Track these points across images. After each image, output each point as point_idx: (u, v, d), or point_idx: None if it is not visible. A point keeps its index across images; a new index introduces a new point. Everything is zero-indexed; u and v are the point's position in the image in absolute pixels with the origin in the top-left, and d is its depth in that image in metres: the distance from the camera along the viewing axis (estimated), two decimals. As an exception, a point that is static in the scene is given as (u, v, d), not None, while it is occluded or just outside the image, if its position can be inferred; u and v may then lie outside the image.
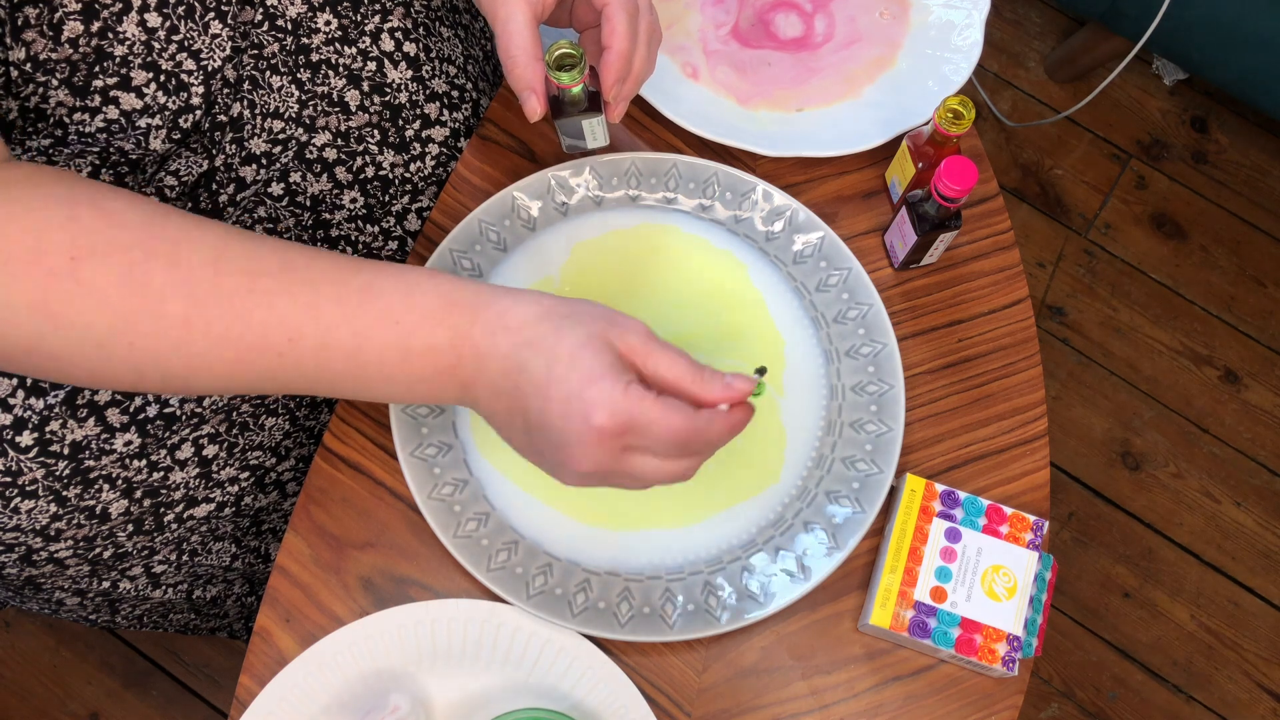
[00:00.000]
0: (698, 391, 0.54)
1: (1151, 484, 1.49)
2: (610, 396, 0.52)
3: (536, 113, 0.66)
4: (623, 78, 0.66)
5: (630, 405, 0.52)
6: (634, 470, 0.55)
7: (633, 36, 0.66)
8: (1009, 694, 0.69)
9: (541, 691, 0.66)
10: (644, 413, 0.52)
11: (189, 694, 1.31)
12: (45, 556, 0.71)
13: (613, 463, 0.54)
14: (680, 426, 0.53)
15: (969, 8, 0.83)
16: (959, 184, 0.68)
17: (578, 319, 0.54)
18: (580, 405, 0.52)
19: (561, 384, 0.52)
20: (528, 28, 0.64)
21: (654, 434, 0.53)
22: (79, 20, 0.58)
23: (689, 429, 0.53)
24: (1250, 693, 1.41)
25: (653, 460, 0.55)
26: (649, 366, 0.55)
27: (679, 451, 0.54)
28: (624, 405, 0.52)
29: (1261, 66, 1.40)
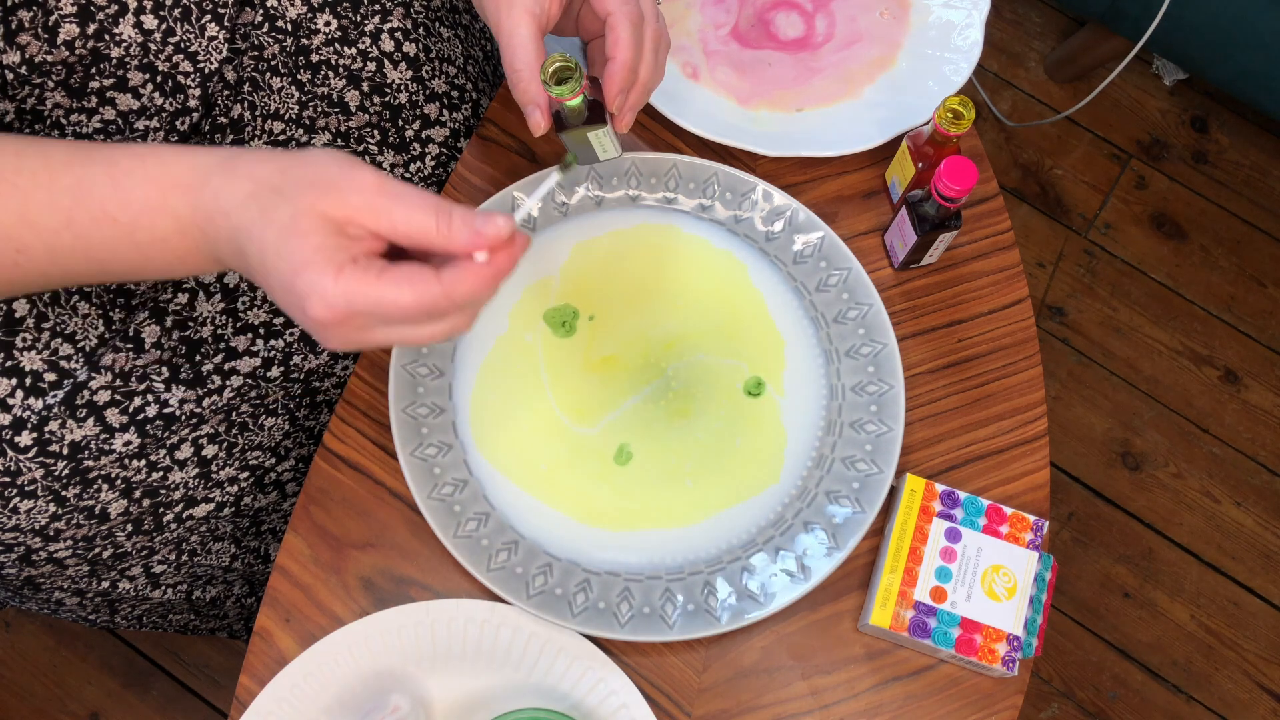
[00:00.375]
0: (445, 245, 0.49)
1: (1151, 484, 1.49)
2: (319, 287, 0.47)
3: (541, 127, 0.65)
4: (626, 88, 0.65)
5: (344, 292, 0.48)
6: (390, 341, 0.51)
7: (636, 46, 0.64)
8: (1009, 694, 0.68)
9: (541, 691, 0.66)
10: (363, 295, 0.48)
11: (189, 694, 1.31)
12: (44, 556, 0.71)
13: (361, 340, 0.50)
14: (410, 303, 0.48)
15: (969, 8, 0.83)
16: (959, 184, 0.68)
17: (286, 194, 0.49)
18: (295, 298, 0.48)
19: (275, 274, 0.49)
20: (532, 41, 0.63)
21: (384, 314, 0.49)
22: (74, 23, 0.58)
23: (422, 303, 0.49)
24: (1250, 693, 1.41)
25: (404, 330, 0.51)
26: (383, 226, 0.49)
27: (427, 319, 0.50)
28: (336, 293, 0.47)
29: (1261, 66, 1.40)
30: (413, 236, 0.49)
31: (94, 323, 0.66)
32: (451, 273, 0.49)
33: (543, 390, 0.72)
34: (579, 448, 0.71)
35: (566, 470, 0.70)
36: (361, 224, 0.49)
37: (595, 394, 0.72)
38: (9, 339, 0.63)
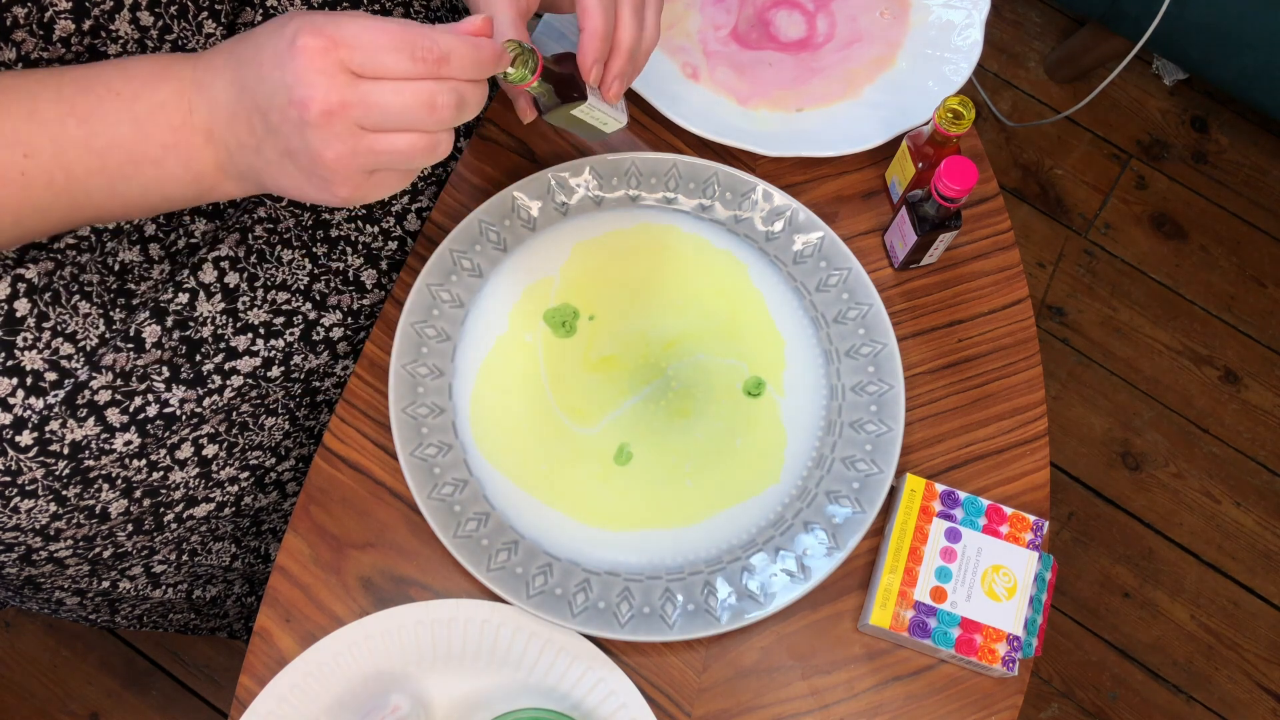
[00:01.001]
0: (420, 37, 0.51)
1: (1151, 484, 1.49)
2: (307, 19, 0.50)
3: (527, 115, 0.65)
4: (601, 58, 0.62)
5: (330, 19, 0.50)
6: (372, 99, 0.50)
7: (605, 13, 0.62)
8: (1009, 694, 0.68)
9: (541, 691, 0.66)
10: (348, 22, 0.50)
11: (189, 694, 1.31)
12: (45, 556, 0.71)
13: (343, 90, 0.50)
14: (394, 29, 0.50)
15: (969, 8, 0.83)
16: (959, 184, 0.68)
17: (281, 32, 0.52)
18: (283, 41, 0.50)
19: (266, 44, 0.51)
20: (512, 27, 0.61)
21: (366, 40, 0.50)
22: (70, 19, 0.58)
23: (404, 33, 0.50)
24: (1250, 693, 1.41)
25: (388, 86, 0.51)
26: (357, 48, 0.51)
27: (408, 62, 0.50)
28: (323, 20, 0.50)
29: (1261, 66, 1.40)
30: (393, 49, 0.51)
31: (95, 322, 0.66)
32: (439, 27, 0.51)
33: (543, 390, 0.72)
34: (579, 448, 0.71)
35: (566, 470, 0.70)
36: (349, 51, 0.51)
37: (595, 394, 0.72)
38: (9, 338, 0.63)
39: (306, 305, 0.74)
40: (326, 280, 0.75)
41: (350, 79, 0.50)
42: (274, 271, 0.73)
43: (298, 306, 0.74)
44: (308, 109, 0.50)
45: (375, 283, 0.77)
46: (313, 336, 0.75)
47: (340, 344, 0.76)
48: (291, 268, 0.74)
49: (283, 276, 0.73)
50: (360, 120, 0.51)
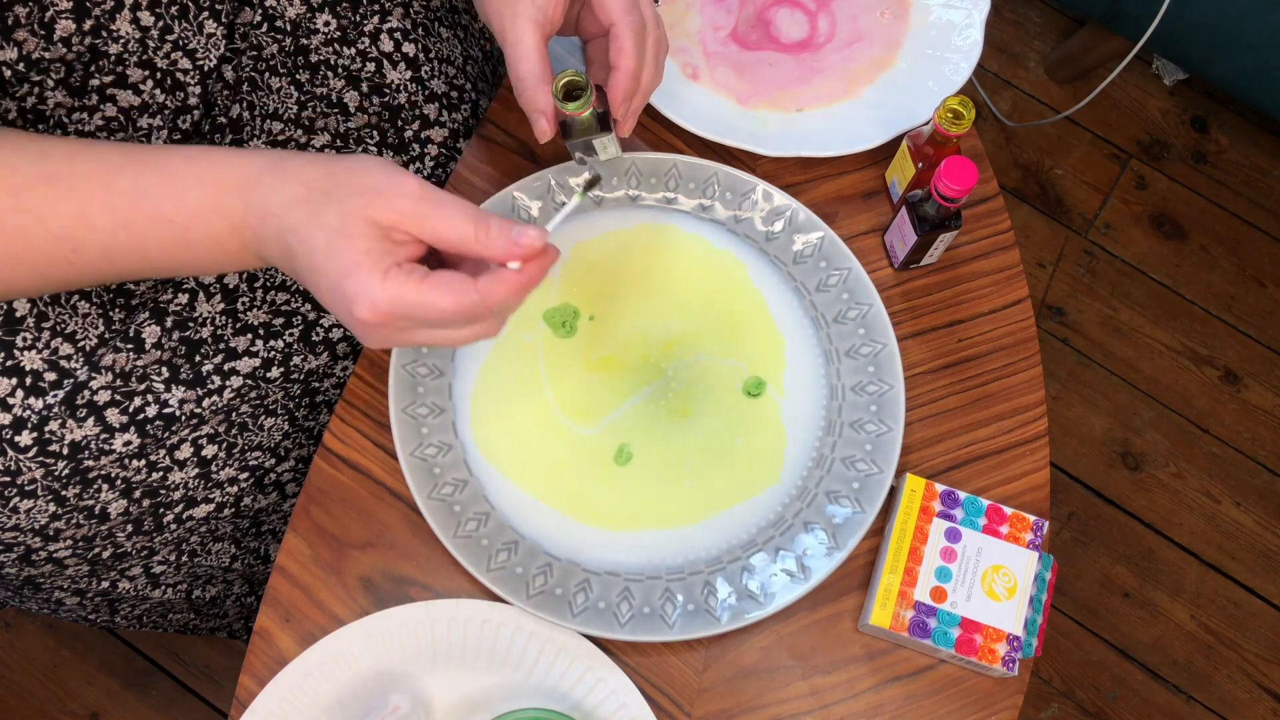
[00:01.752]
0: (482, 251, 0.52)
1: (1151, 484, 1.49)
2: (365, 290, 0.50)
3: (546, 134, 0.66)
4: (630, 96, 0.66)
5: (390, 294, 0.51)
6: (426, 342, 0.55)
7: (640, 55, 0.65)
8: (1009, 694, 0.68)
9: (541, 691, 0.66)
10: (404, 299, 0.51)
11: (189, 694, 1.31)
12: (44, 556, 0.71)
13: (400, 339, 0.54)
14: (449, 308, 0.51)
15: (969, 8, 0.83)
16: (959, 184, 0.68)
17: (335, 198, 0.52)
18: (341, 298, 0.51)
19: (322, 275, 0.52)
20: (536, 50, 0.64)
21: (424, 317, 0.52)
22: (70, 19, 0.58)
23: (460, 308, 0.52)
24: (1250, 693, 1.41)
25: (440, 331, 0.54)
26: (425, 232, 0.52)
27: (463, 322, 0.53)
28: (382, 297, 0.51)
29: (1261, 66, 1.40)
30: (452, 242, 0.52)
31: (94, 322, 0.66)
32: (487, 280, 0.52)
33: (543, 390, 0.72)
34: (579, 448, 0.71)
35: (566, 470, 0.70)
36: (405, 229, 0.52)
37: (595, 394, 0.72)
38: (9, 338, 0.63)
39: (306, 305, 0.74)
40: (326, 280, 0.75)
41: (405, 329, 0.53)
42: (274, 271, 0.73)
43: (297, 307, 0.74)
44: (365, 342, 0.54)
45: (375, 283, 0.77)
46: (312, 337, 0.75)
47: (340, 344, 0.76)
48: (291, 268, 0.73)
49: (282, 277, 0.73)
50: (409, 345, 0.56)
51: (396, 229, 0.52)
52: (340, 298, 0.51)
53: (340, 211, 0.51)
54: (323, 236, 0.51)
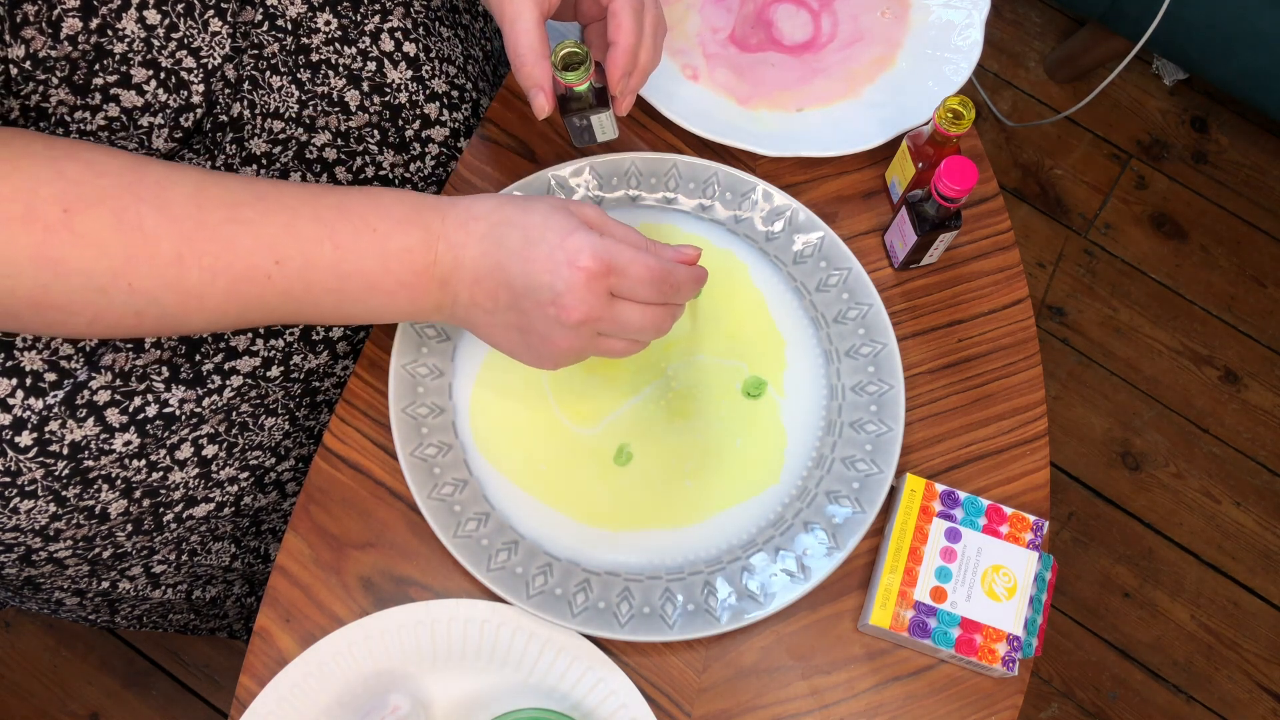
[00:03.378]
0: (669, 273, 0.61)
1: (1151, 484, 1.49)
2: (590, 241, 0.58)
3: (545, 110, 0.66)
4: (629, 72, 0.67)
5: (609, 247, 0.58)
6: (620, 317, 0.60)
7: (638, 32, 0.66)
8: (1009, 694, 0.68)
9: (541, 691, 0.66)
10: (621, 253, 0.58)
11: (189, 694, 1.31)
12: (44, 556, 0.71)
13: (602, 309, 0.59)
14: (655, 265, 0.59)
15: (969, 8, 0.83)
16: (959, 184, 0.68)
17: (537, 198, 0.61)
18: (564, 253, 0.57)
19: (540, 244, 0.58)
20: (535, 26, 0.65)
21: (634, 274, 0.58)
22: (78, 17, 0.58)
23: (663, 269, 0.60)
24: (1250, 693, 1.41)
25: (635, 308, 0.60)
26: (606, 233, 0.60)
27: (656, 294, 0.60)
28: (604, 246, 0.58)
29: (1261, 66, 1.40)
30: None
31: (94, 323, 0.66)
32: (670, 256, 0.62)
33: (542, 391, 0.72)
34: (579, 448, 0.71)
35: (566, 470, 0.70)
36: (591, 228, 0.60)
37: (595, 395, 0.72)
38: (9, 338, 0.63)
39: (307, 305, 0.74)
40: (327, 280, 0.75)
41: (610, 299, 0.59)
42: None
43: (298, 306, 0.74)
44: (569, 315, 0.58)
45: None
46: (312, 336, 0.75)
47: (340, 344, 0.76)
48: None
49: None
50: (602, 330, 0.60)
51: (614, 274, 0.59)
52: (563, 255, 0.57)
53: (548, 204, 0.60)
54: (538, 217, 0.59)
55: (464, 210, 0.60)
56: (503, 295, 0.59)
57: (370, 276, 0.59)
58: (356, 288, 0.59)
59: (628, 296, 0.60)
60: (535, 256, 0.58)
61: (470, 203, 0.61)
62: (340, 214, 0.58)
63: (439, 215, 0.60)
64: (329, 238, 0.58)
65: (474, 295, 0.60)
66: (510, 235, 0.59)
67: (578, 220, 0.59)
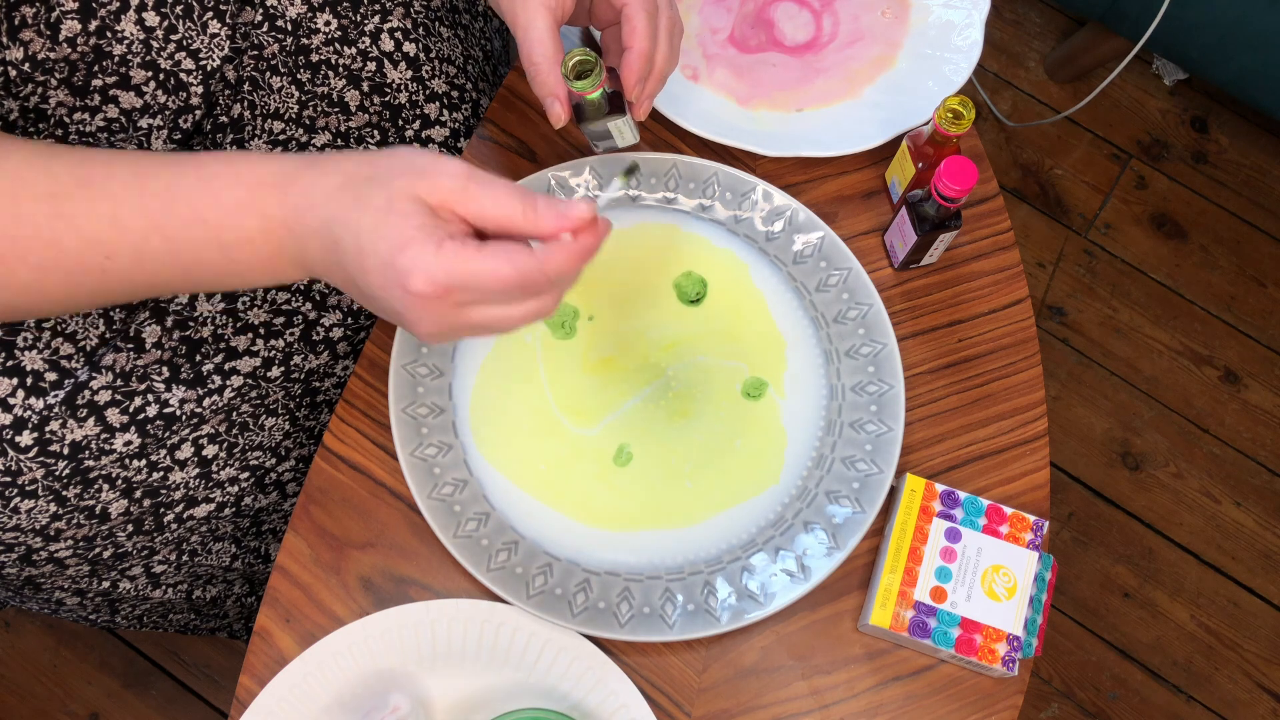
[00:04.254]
0: (531, 228, 0.51)
1: (1151, 484, 1.49)
2: (421, 261, 0.49)
3: (561, 119, 0.66)
4: (644, 77, 0.66)
5: (447, 265, 0.49)
6: (479, 323, 0.52)
7: (653, 35, 0.65)
8: (1009, 694, 0.68)
9: (541, 691, 0.66)
10: (464, 268, 0.49)
11: (189, 694, 1.31)
12: (45, 556, 0.71)
13: (454, 319, 0.51)
14: (509, 275, 0.50)
15: (969, 8, 0.83)
16: (959, 184, 0.68)
17: (379, 181, 0.51)
18: (394, 274, 0.49)
19: (372, 255, 0.50)
20: (549, 34, 0.63)
21: (482, 287, 0.50)
22: (76, 19, 0.58)
23: (520, 275, 0.50)
24: (1250, 693, 1.41)
25: (496, 309, 0.52)
26: (471, 210, 0.51)
27: (521, 296, 0.52)
28: (439, 267, 0.49)
29: (1261, 66, 1.40)
30: (500, 221, 0.51)
31: (94, 322, 0.66)
32: (545, 248, 0.51)
33: (542, 391, 0.72)
34: (579, 448, 0.71)
35: (566, 470, 0.70)
36: (453, 209, 0.51)
37: (595, 395, 0.72)
38: (10, 338, 0.63)
39: (306, 305, 0.74)
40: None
41: (460, 308, 0.51)
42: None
43: (298, 306, 0.74)
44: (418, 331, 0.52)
45: (375, 283, 0.77)
46: (313, 336, 0.75)
47: (340, 344, 0.77)
48: (291, 268, 0.73)
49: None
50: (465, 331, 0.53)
51: (443, 208, 0.51)
52: (394, 275, 0.49)
53: (386, 193, 0.50)
54: (370, 217, 0.50)
55: (300, 196, 0.53)
56: (354, 291, 0.53)
57: (215, 265, 0.54)
58: (206, 275, 0.55)
59: (484, 304, 0.52)
60: (369, 269, 0.50)
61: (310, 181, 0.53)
62: (167, 204, 0.53)
63: (276, 199, 0.53)
64: (156, 231, 0.53)
65: (331, 277, 0.54)
66: (344, 237, 0.51)
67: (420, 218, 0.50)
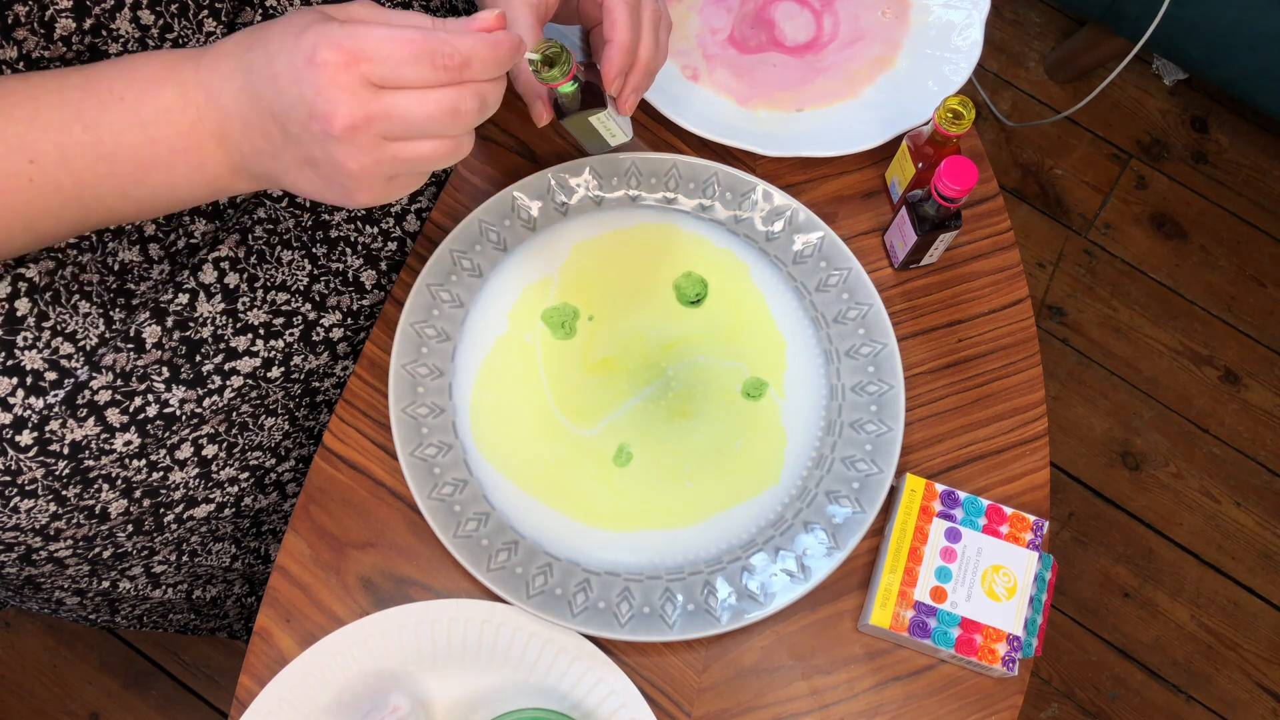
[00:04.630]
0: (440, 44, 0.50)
1: (1151, 484, 1.49)
2: (325, 30, 0.49)
3: (543, 118, 0.65)
4: (624, 70, 0.64)
5: (352, 31, 0.49)
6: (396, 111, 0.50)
7: (634, 27, 0.64)
8: (1009, 694, 0.68)
9: (541, 691, 0.66)
10: (368, 34, 0.49)
11: (189, 694, 1.31)
12: (45, 556, 0.71)
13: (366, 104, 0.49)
14: (415, 38, 0.49)
15: (969, 8, 0.83)
16: (959, 184, 0.68)
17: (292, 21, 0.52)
18: (299, 55, 0.49)
19: (280, 54, 0.50)
20: (531, 32, 0.63)
21: (387, 53, 0.49)
22: (71, 18, 0.58)
23: (426, 42, 0.49)
24: (1250, 693, 1.41)
25: (411, 95, 0.50)
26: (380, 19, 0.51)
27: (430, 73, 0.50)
28: (344, 32, 0.49)
29: (1261, 66, 1.40)
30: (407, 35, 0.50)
31: (95, 322, 0.66)
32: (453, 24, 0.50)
33: (542, 391, 0.72)
34: (578, 448, 0.71)
35: (566, 471, 0.70)
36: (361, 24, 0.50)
37: (594, 396, 0.72)
38: (10, 338, 0.63)
39: (306, 306, 0.74)
40: (326, 281, 0.75)
41: (373, 92, 0.49)
42: (274, 272, 0.73)
43: (297, 307, 0.74)
44: (331, 124, 0.49)
45: (375, 283, 0.77)
46: (312, 337, 0.75)
47: (340, 344, 0.76)
48: (291, 268, 0.74)
49: (282, 277, 0.73)
50: (384, 132, 0.50)
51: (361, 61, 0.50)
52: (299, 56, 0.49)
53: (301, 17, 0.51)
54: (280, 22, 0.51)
55: (215, 53, 0.52)
56: (273, 129, 0.52)
57: (136, 151, 0.53)
58: (127, 168, 0.53)
59: (395, 84, 0.49)
60: (278, 71, 0.50)
61: (223, 41, 0.53)
62: (84, 91, 0.52)
63: (193, 64, 0.52)
64: (77, 120, 0.52)
65: (253, 142, 0.53)
66: (255, 58, 0.51)
67: (320, 15, 0.50)
